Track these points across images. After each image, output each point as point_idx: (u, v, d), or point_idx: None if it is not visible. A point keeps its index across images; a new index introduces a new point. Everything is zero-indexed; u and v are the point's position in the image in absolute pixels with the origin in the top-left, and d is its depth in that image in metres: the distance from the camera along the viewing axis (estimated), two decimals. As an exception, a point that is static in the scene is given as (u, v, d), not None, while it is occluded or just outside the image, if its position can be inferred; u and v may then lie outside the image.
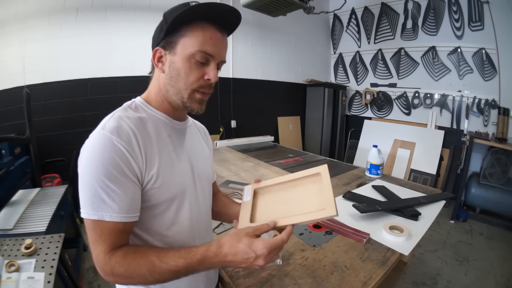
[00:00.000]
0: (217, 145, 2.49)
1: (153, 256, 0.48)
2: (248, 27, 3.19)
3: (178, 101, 0.56)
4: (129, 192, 0.48)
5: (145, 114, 0.57)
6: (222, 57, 0.56)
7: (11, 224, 1.21)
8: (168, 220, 0.57)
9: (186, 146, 0.63)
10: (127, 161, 0.48)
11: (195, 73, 0.53)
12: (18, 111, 1.91)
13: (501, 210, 2.59)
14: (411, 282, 1.80)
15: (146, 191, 0.52)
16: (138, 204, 0.51)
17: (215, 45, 0.53)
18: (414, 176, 3.25)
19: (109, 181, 0.46)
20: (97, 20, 2.21)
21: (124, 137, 0.49)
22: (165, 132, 0.59)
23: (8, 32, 1.95)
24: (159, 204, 0.55)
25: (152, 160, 0.53)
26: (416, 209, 1.12)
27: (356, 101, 4.20)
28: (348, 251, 0.85)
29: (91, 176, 0.46)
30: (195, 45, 0.51)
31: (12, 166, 1.53)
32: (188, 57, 0.52)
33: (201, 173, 0.65)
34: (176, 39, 0.52)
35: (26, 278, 0.88)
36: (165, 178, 0.54)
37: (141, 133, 0.52)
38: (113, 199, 0.47)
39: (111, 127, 0.49)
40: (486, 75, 2.92)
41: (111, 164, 0.47)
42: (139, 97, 0.62)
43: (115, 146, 0.47)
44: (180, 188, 0.58)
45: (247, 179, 1.53)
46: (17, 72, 1.98)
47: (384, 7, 3.59)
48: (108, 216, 0.47)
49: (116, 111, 0.55)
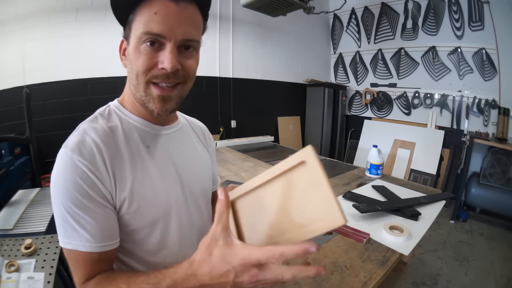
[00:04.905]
0: (217, 145, 2.49)
1: (122, 283, 0.41)
2: (248, 27, 3.18)
3: (140, 100, 0.46)
4: (99, 218, 0.42)
5: (118, 122, 0.49)
6: (180, 34, 0.41)
7: (11, 224, 1.21)
8: (153, 246, 0.49)
9: (172, 156, 0.53)
10: (91, 183, 0.41)
11: (145, 60, 0.42)
12: (18, 111, 1.91)
13: (501, 210, 2.59)
14: (411, 282, 1.80)
15: (121, 216, 0.45)
16: (115, 229, 0.44)
17: (164, 21, 0.40)
18: (414, 176, 3.25)
19: (76, 208, 0.40)
20: (97, 20, 2.20)
21: (87, 154, 0.42)
22: (142, 142, 0.49)
23: (8, 32, 1.95)
24: (139, 230, 0.47)
25: (122, 180, 0.44)
26: (416, 209, 1.12)
27: (356, 101, 4.19)
28: (348, 251, 0.85)
29: (59, 202, 0.41)
30: (140, 26, 0.41)
31: (12, 166, 1.53)
32: (136, 44, 0.42)
33: (194, 187, 0.56)
34: (130, 25, 0.43)
35: (26, 278, 0.88)
36: (142, 200, 0.46)
37: (109, 148, 0.44)
38: (84, 227, 0.41)
39: (73, 144, 0.42)
40: (486, 75, 2.91)
41: (75, 188, 0.40)
42: (115, 100, 0.53)
43: (77, 166, 0.41)
44: (162, 210, 0.49)
45: (247, 179, 1.52)
46: (17, 72, 1.98)
47: (384, 7, 3.59)
48: (82, 246, 0.41)
49: (84, 122, 0.48)
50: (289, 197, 0.38)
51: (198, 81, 2.57)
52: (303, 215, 0.36)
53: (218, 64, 2.96)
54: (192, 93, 2.96)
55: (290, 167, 0.38)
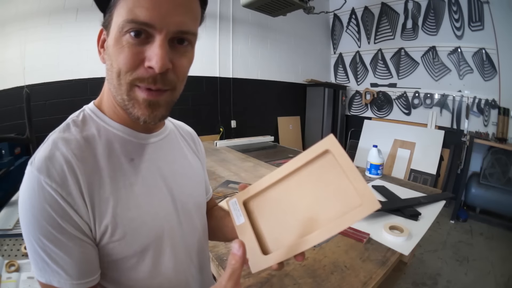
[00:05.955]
0: (217, 145, 2.49)
1: None
2: (248, 27, 3.18)
3: (122, 104, 0.37)
4: (74, 253, 0.34)
5: (94, 131, 0.40)
6: (174, 24, 0.33)
7: (11, 224, 1.21)
8: (144, 275, 0.41)
9: (160, 168, 0.45)
10: (62, 212, 0.33)
11: (128, 55, 0.33)
12: (18, 111, 1.91)
13: (501, 210, 2.59)
14: (411, 282, 1.80)
15: (103, 245, 0.37)
16: (94, 263, 0.37)
17: (154, 7, 0.31)
18: (414, 176, 3.25)
19: (46, 240, 0.33)
20: (97, 20, 2.20)
21: (56, 175, 0.33)
22: (124, 155, 0.40)
23: (8, 32, 1.95)
24: (126, 259, 0.40)
25: (102, 204, 0.36)
26: (416, 209, 1.12)
27: (356, 101, 4.19)
28: (348, 251, 0.85)
29: (27, 231, 0.34)
30: (123, 12, 0.32)
31: (12, 166, 1.53)
32: (117, 34, 0.33)
33: (186, 201, 0.48)
34: (111, 11, 0.35)
35: (26, 278, 0.88)
36: (128, 226, 0.38)
37: (85, 165, 0.36)
38: (56, 262, 0.34)
39: (40, 161, 0.34)
40: (486, 75, 2.91)
41: (44, 218, 0.33)
42: (92, 102, 0.44)
43: (44, 190, 0.33)
44: (153, 234, 0.42)
45: (247, 179, 1.53)
46: (17, 72, 1.98)
47: (384, 7, 3.59)
48: (56, 281, 0.34)
49: (54, 131, 0.39)
50: (317, 189, 0.37)
51: (198, 81, 2.57)
52: (338, 204, 0.35)
53: (218, 64, 2.96)
54: (192, 93, 2.96)
55: (313, 157, 0.37)
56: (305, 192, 0.38)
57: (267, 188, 0.41)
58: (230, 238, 0.54)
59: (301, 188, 0.39)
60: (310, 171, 0.38)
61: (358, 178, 0.34)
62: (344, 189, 0.35)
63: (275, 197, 0.41)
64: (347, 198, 0.35)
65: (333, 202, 0.36)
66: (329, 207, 0.36)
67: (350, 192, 0.34)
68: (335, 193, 0.36)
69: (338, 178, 0.36)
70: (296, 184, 0.39)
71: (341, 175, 0.35)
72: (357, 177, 0.34)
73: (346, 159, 0.35)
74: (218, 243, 0.85)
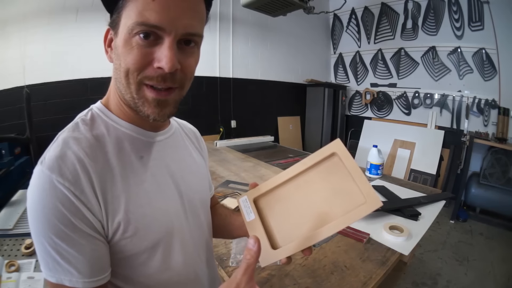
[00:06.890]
0: (217, 145, 2.49)
1: None
2: (248, 27, 3.18)
3: (131, 103, 0.39)
4: (86, 251, 0.35)
5: (104, 129, 0.41)
6: (182, 27, 0.35)
7: (11, 224, 1.21)
8: (155, 270, 0.43)
9: (169, 165, 0.47)
10: (75, 210, 0.34)
11: (137, 56, 0.35)
12: (18, 111, 1.91)
13: (501, 210, 2.59)
14: (411, 282, 1.80)
15: (115, 242, 0.39)
16: (105, 261, 0.38)
17: (163, 10, 0.33)
18: (414, 176, 3.25)
19: (58, 239, 0.34)
20: (97, 20, 2.20)
21: (69, 173, 0.34)
22: (134, 153, 0.42)
23: (8, 32, 1.95)
24: (137, 255, 0.41)
25: (115, 201, 0.38)
26: (416, 209, 1.12)
27: (356, 101, 4.19)
28: (348, 251, 0.85)
29: (37, 231, 0.34)
30: (133, 15, 0.34)
31: (12, 166, 1.53)
32: (126, 36, 0.35)
33: (193, 198, 0.50)
34: (120, 12, 0.36)
35: (26, 278, 0.88)
36: (140, 222, 0.39)
37: (97, 163, 0.37)
38: (68, 261, 0.34)
39: (51, 160, 0.35)
40: (486, 75, 2.91)
41: (56, 216, 0.33)
42: (99, 101, 0.45)
43: (57, 189, 0.33)
44: (164, 229, 0.43)
45: (247, 179, 1.53)
46: (17, 72, 1.98)
47: (384, 7, 3.59)
48: (67, 281, 0.35)
49: (63, 130, 0.40)
50: (324, 188, 0.41)
51: (198, 81, 2.56)
52: (343, 202, 0.39)
53: (218, 64, 2.96)
54: (192, 93, 2.96)
55: (321, 159, 0.42)
56: (313, 191, 0.42)
57: (277, 186, 0.45)
58: (235, 235, 0.57)
59: (309, 187, 0.42)
60: (318, 172, 0.42)
61: (362, 179, 0.38)
62: (349, 189, 0.39)
63: (284, 195, 0.44)
64: (352, 196, 0.38)
65: (339, 200, 0.39)
66: (336, 205, 0.39)
67: (355, 191, 0.38)
68: (341, 192, 0.40)
69: (344, 179, 0.39)
70: (305, 184, 0.43)
71: (347, 176, 0.39)
72: (361, 178, 0.38)
73: (352, 161, 0.39)
74: (218, 243, 0.86)
